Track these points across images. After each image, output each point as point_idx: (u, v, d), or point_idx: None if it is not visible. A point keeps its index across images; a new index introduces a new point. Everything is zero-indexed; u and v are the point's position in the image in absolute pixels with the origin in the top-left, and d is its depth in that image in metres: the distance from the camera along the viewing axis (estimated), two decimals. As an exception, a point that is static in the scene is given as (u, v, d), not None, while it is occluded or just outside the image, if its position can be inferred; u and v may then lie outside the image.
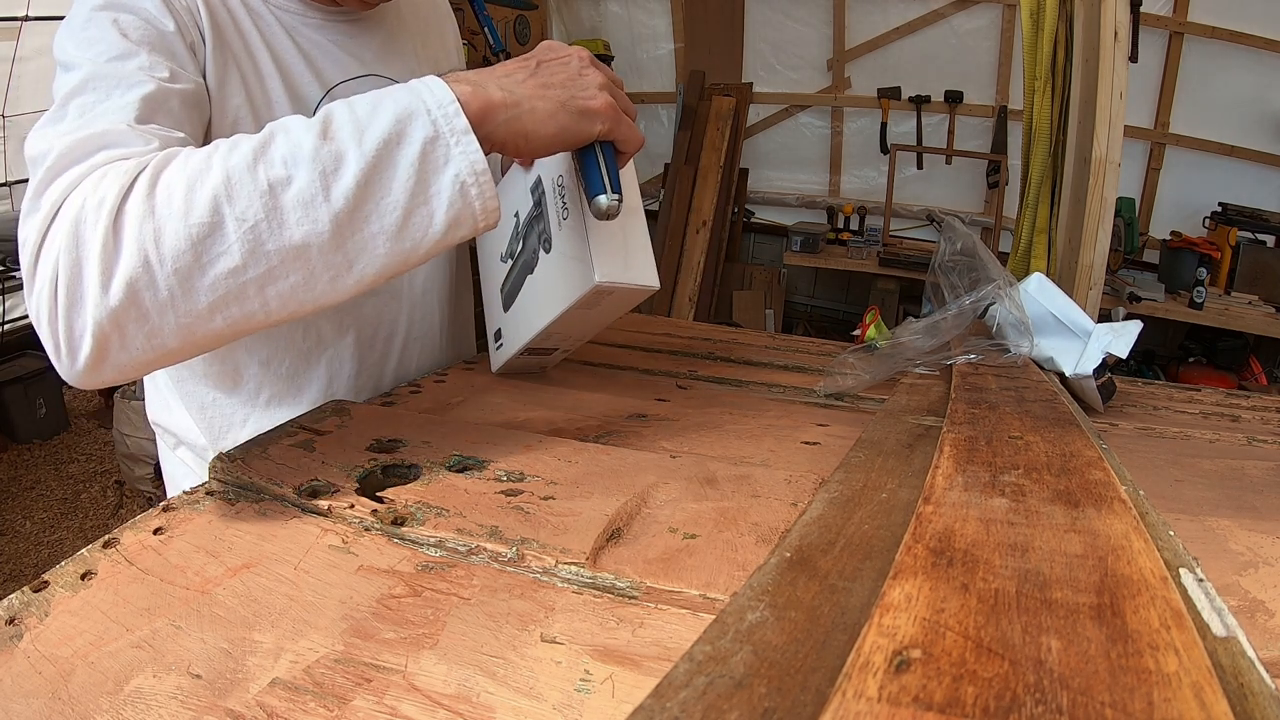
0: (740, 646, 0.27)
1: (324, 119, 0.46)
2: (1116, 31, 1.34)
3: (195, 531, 0.46)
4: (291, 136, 0.45)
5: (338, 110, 0.47)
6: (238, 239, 0.43)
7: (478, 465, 0.55)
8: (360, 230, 0.45)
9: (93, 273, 0.43)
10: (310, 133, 0.45)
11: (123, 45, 0.54)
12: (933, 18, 3.43)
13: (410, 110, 0.46)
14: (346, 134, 0.45)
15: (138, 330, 0.44)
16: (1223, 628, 0.27)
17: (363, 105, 0.47)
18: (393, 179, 0.45)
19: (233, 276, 0.44)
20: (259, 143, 0.45)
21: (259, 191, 0.43)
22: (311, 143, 0.44)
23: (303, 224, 0.44)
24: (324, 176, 0.44)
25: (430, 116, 0.46)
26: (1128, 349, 0.77)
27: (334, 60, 0.70)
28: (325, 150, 0.44)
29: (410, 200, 0.46)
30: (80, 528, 2.53)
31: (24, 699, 0.33)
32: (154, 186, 0.44)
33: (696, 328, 1.20)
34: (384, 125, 0.45)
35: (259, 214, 0.43)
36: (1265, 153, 3.08)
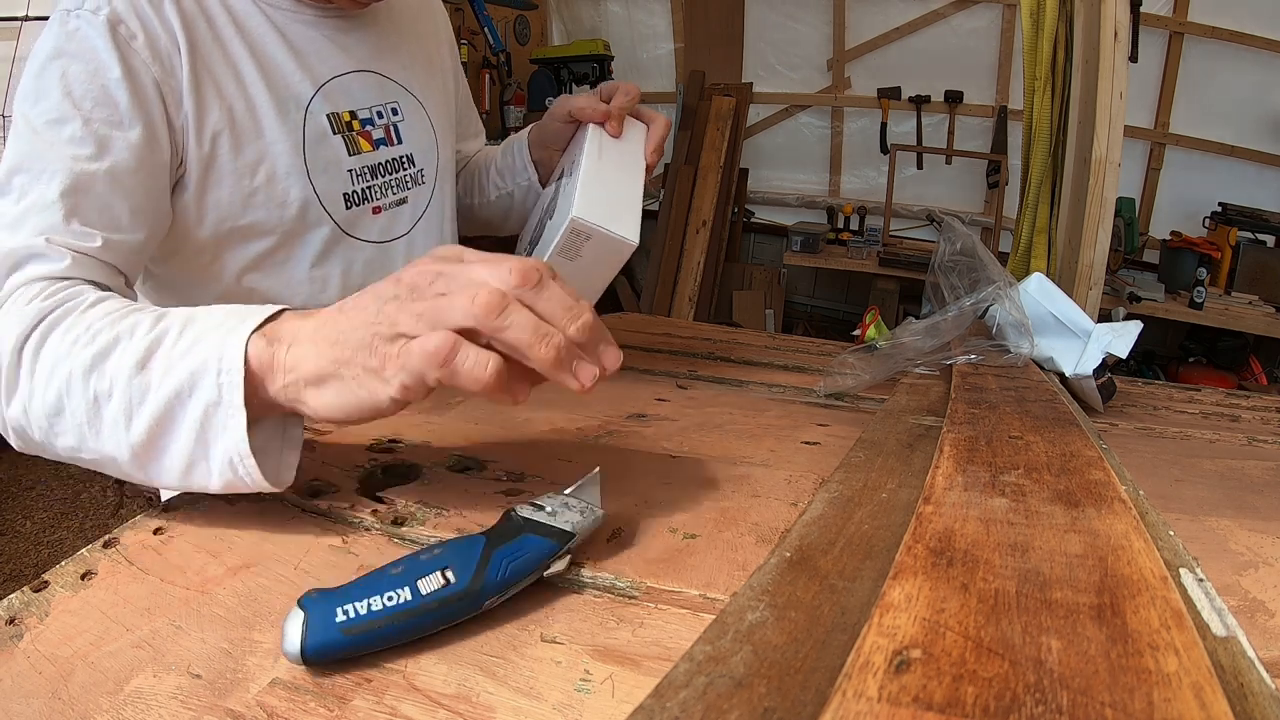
0: (740, 646, 0.27)
1: (151, 343, 0.46)
2: (1116, 31, 1.34)
3: (195, 531, 0.46)
4: (127, 350, 0.46)
5: (168, 336, 0.46)
6: (73, 428, 0.47)
7: (478, 465, 0.55)
8: (154, 463, 0.46)
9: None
10: (134, 356, 0.45)
11: (62, 107, 0.56)
12: (933, 18, 3.43)
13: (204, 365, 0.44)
14: (157, 370, 0.45)
15: (28, 447, 0.51)
16: (1223, 628, 0.27)
17: (186, 339, 0.46)
18: (177, 432, 0.45)
19: (73, 451, 0.48)
20: (104, 346, 0.47)
21: (86, 401, 0.46)
22: (130, 368, 0.45)
23: (111, 440, 0.46)
24: (129, 408, 0.45)
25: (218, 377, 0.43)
26: (1128, 349, 0.77)
27: (326, 56, 0.70)
28: (137, 382, 0.45)
29: (191, 455, 0.45)
30: (80, 528, 2.52)
31: (24, 699, 0.33)
32: (39, 351, 0.48)
33: (696, 328, 1.20)
34: (180, 375, 0.44)
35: (84, 418, 0.46)
36: (1265, 153, 3.08)
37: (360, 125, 0.73)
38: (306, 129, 0.68)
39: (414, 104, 0.79)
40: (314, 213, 0.69)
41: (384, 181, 0.75)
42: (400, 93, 0.77)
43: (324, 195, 0.69)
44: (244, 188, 0.65)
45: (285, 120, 0.67)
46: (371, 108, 0.74)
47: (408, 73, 0.78)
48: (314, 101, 0.69)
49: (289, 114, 0.67)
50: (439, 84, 0.85)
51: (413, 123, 0.78)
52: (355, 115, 0.73)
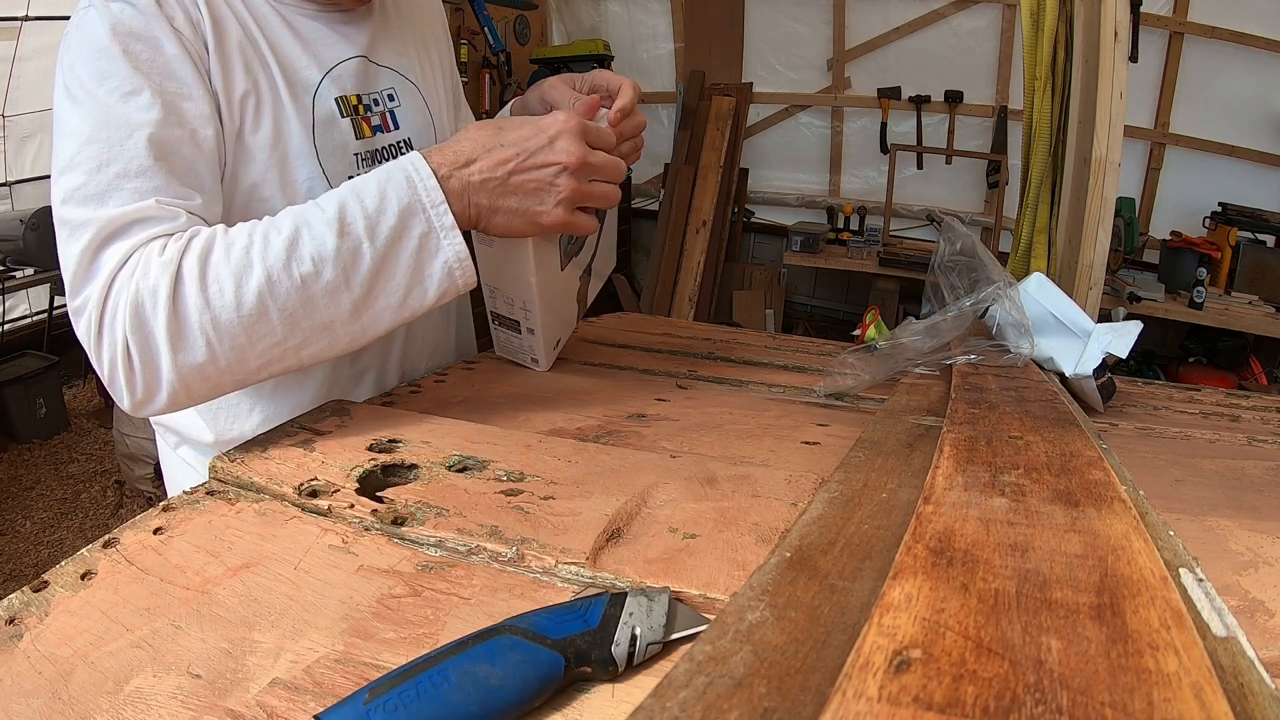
0: (740, 646, 0.27)
1: (339, 214, 0.57)
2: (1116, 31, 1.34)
3: (195, 531, 0.46)
4: (314, 233, 0.56)
5: (350, 203, 0.57)
6: (280, 322, 0.56)
7: (478, 465, 0.55)
8: (372, 307, 0.58)
9: (163, 351, 0.54)
10: (330, 230, 0.56)
11: (134, 80, 0.59)
12: (933, 18, 3.43)
13: (410, 208, 0.58)
14: (360, 229, 0.57)
15: (201, 386, 0.57)
16: (1223, 628, 0.27)
17: (371, 197, 0.57)
18: (396, 267, 0.58)
19: (277, 347, 0.57)
20: (288, 239, 0.56)
21: (294, 286, 0.55)
22: (333, 241, 0.56)
23: (330, 307, 0.57)
24: (345, 271, 0.56)
25: (425, 215, 0.58)
26: (1128, 349, 0.77)
27: (330, 43, 0.73)
28: (345, 246, 0.56)
29: (410, 281, 0.59)
30: (80, 528, 2.53)
31: (24, 699, 0.33)
32: (204, 278, 0.54)
33: (696, 328, 1.20)
34: (390, 222, 0.57)
35: (296, 303, 0.56)
36: (1265, 153, 3.08)
37: (364, 110, 0.76)
38: (316, 112, 0.71)
39: (410, 89, 0.81)
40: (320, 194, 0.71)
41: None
42: (396, 79, 0.80)
43: (332, 177, 0.71)
44: (263, 165, 0.68)
45: (297, 102, 0.69)
46: (370, 94, 0.77)
47: (403, 60, 0.81)
48: (322, 85, 0.72)
49: (299, 97, 0.70)
50: (434, 72, 0.87)
51: (409, 108, 0.81)
52: (361, 99, 0.76)
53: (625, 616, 0.35)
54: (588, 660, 0.33)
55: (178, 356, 0.54)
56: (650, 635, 0.35)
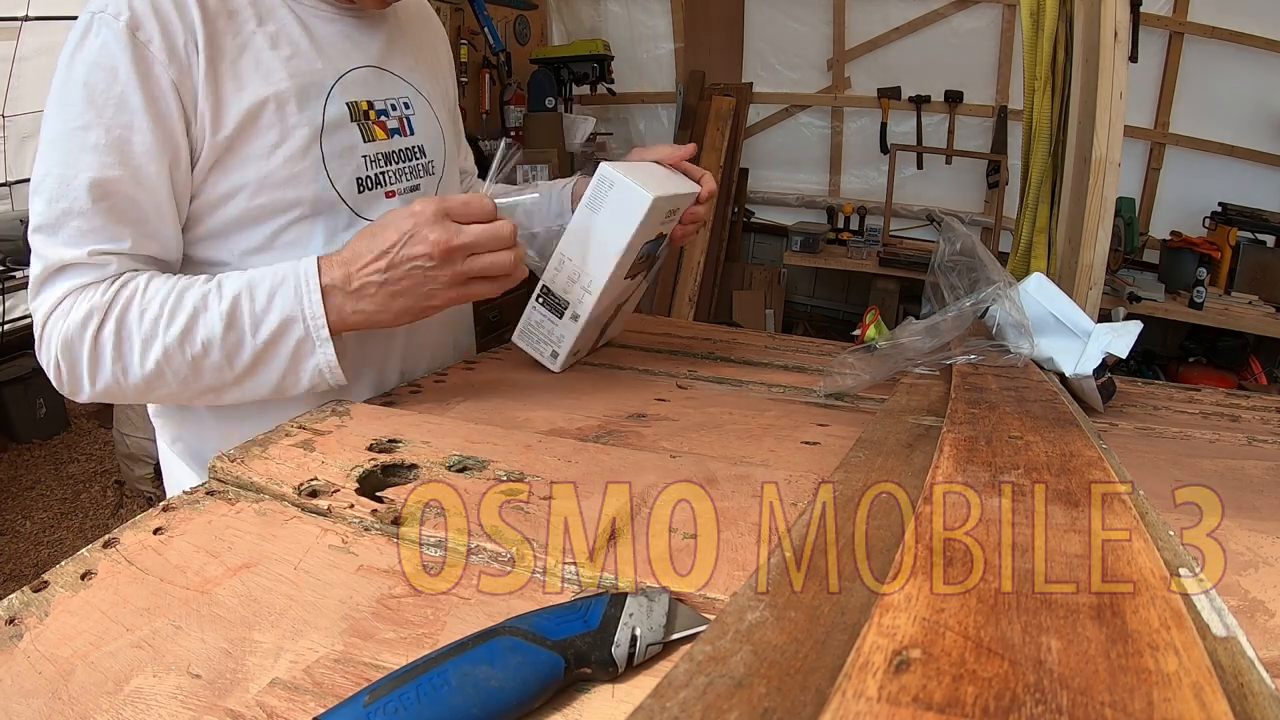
0: (740, 646, 0.27)
1: (231, 308, 0.65)
2: (1116, 31, 1.34)
3: (195, 531, 0.46)
4: (209, 319, 0.65)
5: (242, 301, 0.65)
6: (174, 382, 0.67)
7: (478, 465, 0.55)
8: (250, 383, 0.68)
9: (84, 376, 0.66)
10: (221, 321, 0.65)
11: (86, 115, 0.63)
12: (933, 18, 3.43)
13: (291, 318, 0.65)
14: (245, 325, 0.65)
15: (116, 401, 0.74)
16: (1223, 628, 0.27)
17: (261, 299, 0.65)
18: (273, 361, 0.67)
19: (172, 396, 0.70)
20: (187, 321, 0.64)
21: (186, 361, 0.65)
22: (221, 330, 0.65)
23: (214, 379, 0.67)
24: (228, 356, 0.66)
25: (304, 324, 0.66)
26: (1128, 349, 0.77)
27: (345, 51, 0.76)
28: (230, 337, 0.65)
29: (284, 374, 0.68)
30: (80, 528, 2.52)
31: (24, 699, 0.33)
32: (119, 334, 0.65)
33: (696, 328, 1.20)
34: (272, 324, 0.65)
35: (186, 373, 0.66)
36: (1265, 153, 3.08)
37: (376, 115, 0.78)
38: (326, 115, 0.73)
39: (421, 100, 0.84)
40: (327, 195, 0.73)
41: (398, 168, 0.80)
42: (409, 89, 0.83)
43: (336, 179, 0.74)
44: (262, 169, 0.70)
45: (306, 106, 0.71)
46: (386, 100, 0.79)
47: (414, 74, 0.84)
48: (334, 90, 0.74)
49: (309, 101, 0.72)
50: (441, 88, 0.90)
51: (422, 117, 0.83)
52: (373, 105, 0.78)
53: (625, 617, 0.35)
54: (588, 661, 0.33)
55: (96, 383, 0.66)
56: (650, 636, 0.35)
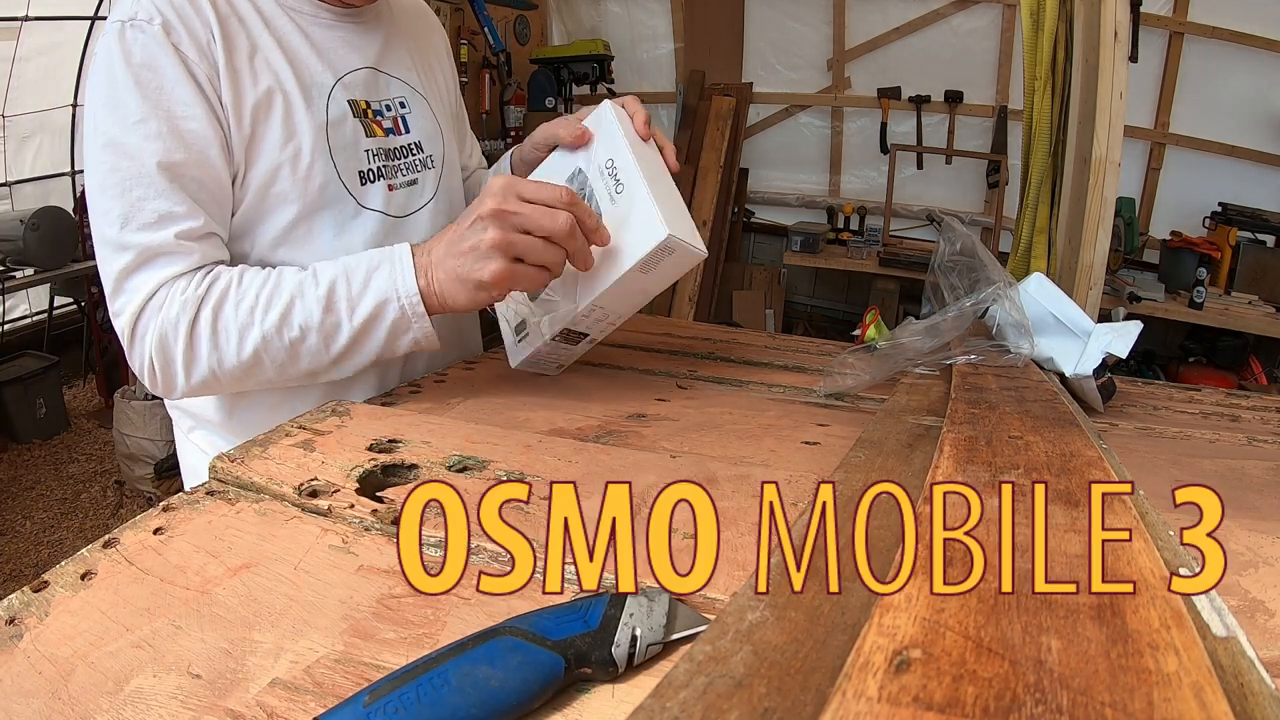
0: (740, 646, 0.27)
1: (328, 291, 0.67)
2: (1116, 31, 1.34)
3: (195, 531, 0.46)
4: (305, 305, 0.67)
5: (339, 284, 0.68)
6: (271, 368, 0.69)
7: (478, 465, 0.55)
8: (348, 362, 0.71)
9: (179, 371, 0.69)
10: (319, 306, 0.67)
11: (143, 109, 0.66)
12: (933, 18, 3.43)
13: (387, 300, 0.68)
14: (343, 309, 0.68)
15: (209, 393, 0.75)
16: (1223, 628, 0.27)
17: (357, 280, 0.68)
18: (370, 340, 0.69)
19: (268, 380, 0.71)
20: (284, 308, 0.67)
21: (284, 346, 0.68)
22: (319, 314, 0.67)
23: (312, 362, 0.70)
24: (326, 339, 0.68)
25: (399, 303, 0.68)
26: (1128, 349, 0.77)
27: (343, 54, 0.79)
28: (328, 320, 0.68)
29: (382, 350, 0.70)
30: (80, 528, 2.53)
31: (24, 699, 0.33)
32: (215, 325, 0.67)
33: (696, 328, 1.20)
34: (369, 306, 0.68)
35: (284, 358, 0.69)
36: (1265, 153, 3.08)
37: (373, 115, 0.81)
38: (330, 112, 0.76)
39: (418, 99, 0.87)
40: (333, 187, 0.77)
41: (396, 164, 0.83)
42: (405, 89, 0.85)
43: (343, 171, 0.77)
44: (275, 161, 0.73)
45: (310, 104, 0.75)
46: (381, 100, 0.83)
47: (411, 74, 0.87)
48: (335, 89, 0.77)
49: (313, 99, 0.75)
50: (439, 87, 0.93)
51: (418, 115, 0.86)
52: (370, 105, 0.81)
53: (625, 617, 0.35)
54: (588, 661, 0.33)
55: (191, 376, 0.69)
56: (650, 636, 0.35)
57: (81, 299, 3.39)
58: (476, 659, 0.32)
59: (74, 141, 3.50)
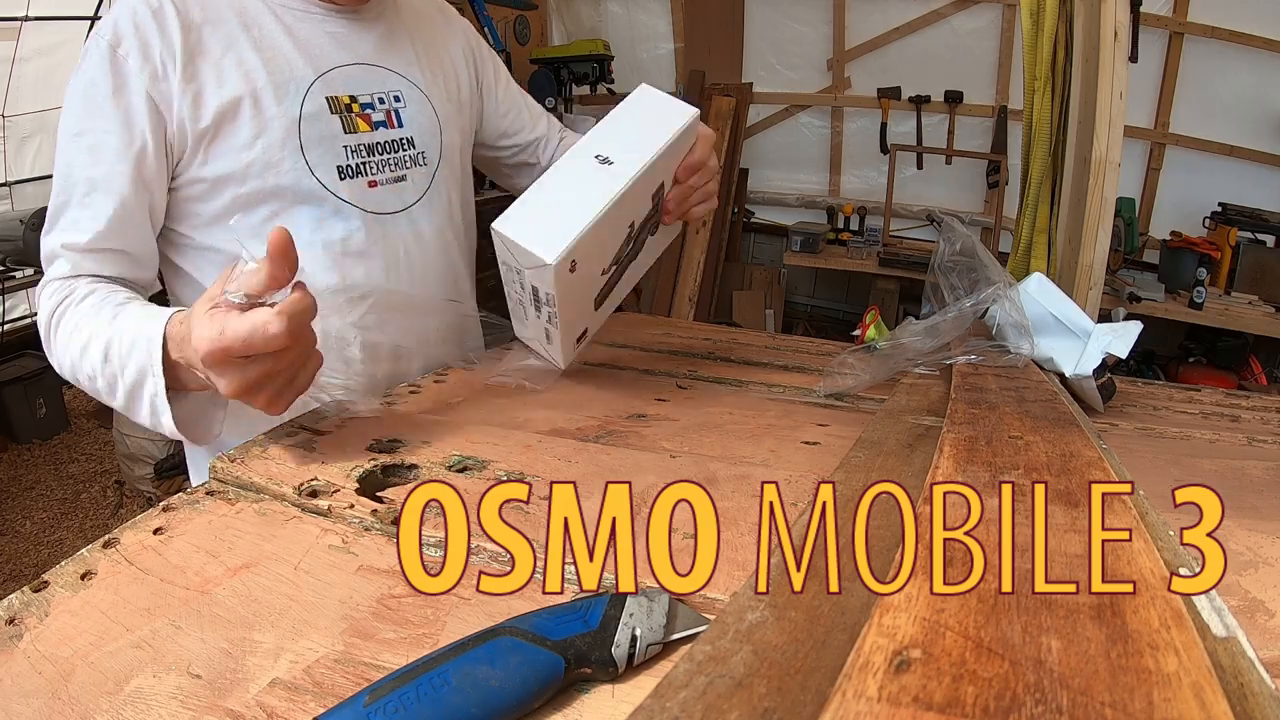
0: (740, 646, 0.27)
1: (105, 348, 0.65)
2: (1116, 31, 1.34)
3: (195, 531, 0.46)
4: (92, 353, 0.66)
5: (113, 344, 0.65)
6: (88, 388, 0.69)
7: (478, 465, 0.55)
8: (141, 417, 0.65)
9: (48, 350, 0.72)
10: (101, 359, 0.65)
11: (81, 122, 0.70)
12: (933, 18, 3.43)
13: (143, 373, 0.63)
14: (115, 367, 0.65)
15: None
16: (1223, 628, 0.27)
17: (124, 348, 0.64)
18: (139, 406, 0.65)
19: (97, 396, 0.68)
20: (83, 343, 0.67)
21: (85, 378, 0.68)
22: (101, 362, 0.65)
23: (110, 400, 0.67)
24: (110, 387, 0.66)
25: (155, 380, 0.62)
26: (1128, 349, 0.77)
27: (329, 51, 0.79)
28: (107, 370, 0.65)
29: (150, 419, 0.65)
30: (80, 528, 2.52)
31: (24, 699, 0.33)
32: (53, 337, 0.70)
33: (696, 328, 1.20)
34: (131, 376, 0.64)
35: (89, 387, 0.68)
36: (1265, 153, 3.08)
37: (360, 109, 0.81)
38: (304, 108, 0.76)
39: (417, 94, 0.86)
40: (306, 182, 0.76)
41: (381, 160, 0.82)
42: (403, 83, 0.85)
43: (315, 166, 0.77)
44: (243, 159, 0.73)
45: (283, 100, 0.75)
46: (373, 94, 0.82)
47: (411, 67, 0.86)
48: (314, 86, 0.77)
49: (287, 95, 0.75)
50: (445, 81, 0.91)
51: (415, 110, 0.85)
52: (355, 99, 0.80)
53: (625, 617, 0.35)
54: (588, 661, 0.33)
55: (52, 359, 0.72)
56: (650, 636, 0.35)
57: (81, 299, 3.38)
58: (476, 659, 0.32)
59: (74, 141, 3.49)
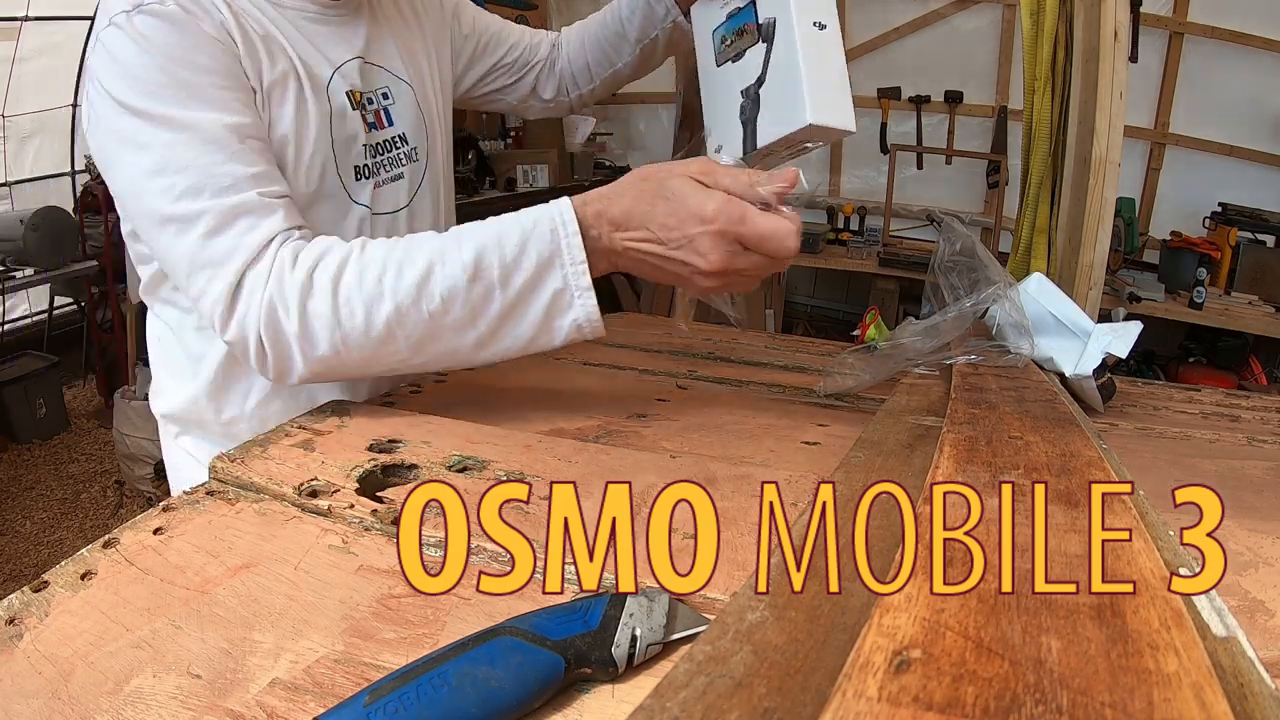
0: (740, 646, 0.27)
1: (476, 257, 0.58)
2: (1116, 31, 1.34)
3: (195, 531, 0.46)
4: (448, 271, 0.58)
5: (489, 248, 0.58)
6: (405, 346, 0.60)
7: (478, 465, 0.55)
8: (496, 345, 0.60)
9: (294, 349, 0.60)
10: (464, 273, 0.57)
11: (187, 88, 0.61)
12: (933, 18, 3.43)
13: (548, 262, 0.57)
14: (494, 276, 0.58)
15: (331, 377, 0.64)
16: (1223, 628, 0.27)
17: (511, 245, 0.58)
18: (524, 317, 0.59)
19: (399, 364, 0.62)
20: (421, 274, 0.58)
21: (423, 319, 0.58)
22: (465, 283, 0.57)
23: (454, 340, 0.60)
24: (473, 311, 0.58)
25: (563, 272, 0.58)
26: (1128, 349, 0.77)
27: (333, 46, 0.78)
28: (476, 290, 0.58)
29: (536, 331, 0.59)
30: (80, 528, 2.52)
31: (24, 699, 0.33)
32: (335, 299, 0.58)
33: (696, 328, 1.20)
34: (525, 275, 0.57)
35: (423, 333, 0.59)
36: (1265, 153, 3.08)
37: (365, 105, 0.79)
38: (332, 104, 0.75)
39: (404, 88, 0.84)
40: (330, 180, 0.75)
41: (382, 159, 0.81)
42: (390, 78, 0.83)
43: (341, 167, 0.75)
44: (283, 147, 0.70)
45: (317, 93, 0.73)
46: (363, 93, 0.80)
47: (396, 61, 0.85)
48: (333, 80, 0.75)
49: (318, 88, 0.73)
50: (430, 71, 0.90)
51: (402, 105, 0.84)
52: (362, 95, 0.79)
53: (625, 617, 0.35)
54: (588, 661, 0.33)
55: (309, 356, 0.60)
56: (650, 636, 0.35)
57: (81, 299, 3.38)
58: (476, 659, 0.32)
59: (74, 142, 3.50)
